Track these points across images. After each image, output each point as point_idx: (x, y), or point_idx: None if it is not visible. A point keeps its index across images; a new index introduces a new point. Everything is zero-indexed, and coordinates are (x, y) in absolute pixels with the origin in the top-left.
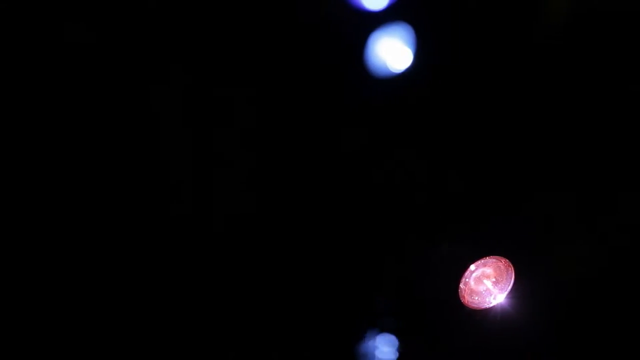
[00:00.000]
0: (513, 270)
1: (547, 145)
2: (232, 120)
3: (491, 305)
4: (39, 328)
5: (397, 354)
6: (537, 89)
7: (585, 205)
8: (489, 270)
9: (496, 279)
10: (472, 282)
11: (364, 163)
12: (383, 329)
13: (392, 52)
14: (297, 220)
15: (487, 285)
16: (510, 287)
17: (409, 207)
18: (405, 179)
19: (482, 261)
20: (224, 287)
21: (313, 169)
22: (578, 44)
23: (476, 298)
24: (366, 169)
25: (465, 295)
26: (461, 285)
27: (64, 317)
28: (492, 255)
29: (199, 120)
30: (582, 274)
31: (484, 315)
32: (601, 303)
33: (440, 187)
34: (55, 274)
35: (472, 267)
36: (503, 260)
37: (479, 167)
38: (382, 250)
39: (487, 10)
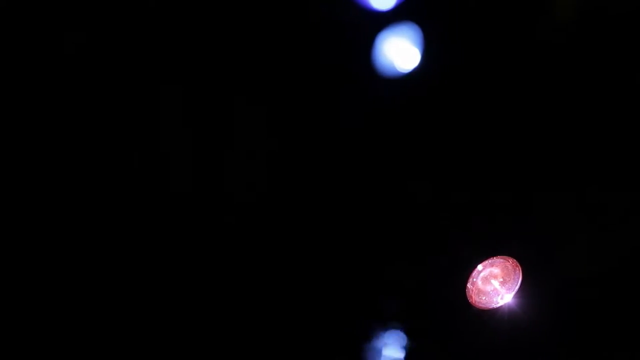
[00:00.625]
0: (520, 270)
1: (555, 144)
2: (238, 121)
3: (498, 305)
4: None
5: (404, 354)
6: (545, 89)
7: (593, 204)
8: (496, 270)
9: (504, 279)
10: (479, 282)
11: (370, 163)
12: (390, 329)
13: (400, 52)
14: (305, 220)
15: (495, 285)
16: (517, 287)
17: (415, 207)
18: (411, 179)
19: (490, 261)
20: (228, 284)
21: (320, 169)
22: (589, 43)
23: (483, 298)
24: (371, 169)
25: (473, 295)
26: (468, 285)
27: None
28: (500, 255)
29: (203, 124)
30: (591, 273)
31: (492, 315)
32: (609, 303)
33: (447, 187)
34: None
35: (480, 267)
36: (510, 260)
37: (486, 167)
38: (389, 250)
39: (496, 9)
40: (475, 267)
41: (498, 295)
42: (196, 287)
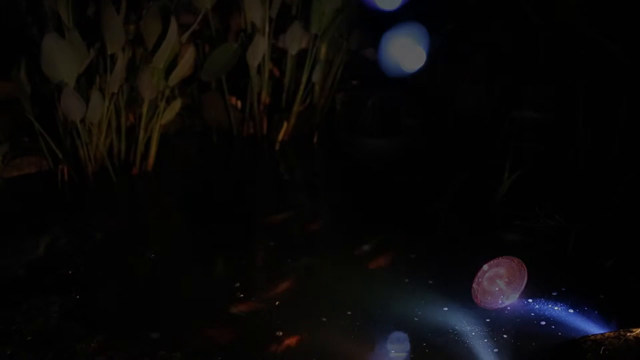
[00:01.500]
0: (526, 271)
1: (559, 142)
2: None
3: (504, 305)
4: None
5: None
6: (548, 86)
7: (597, 203)
8: (501, 271)
9: (509, 279)
10: (485, 282)
11: (375, 163)
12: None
13: (406, 52)
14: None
15: (500, 285)
16: (522, 287)
17: (420, 207)
18: (416, 177)
19: (495, 261)
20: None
21: (325, 171)
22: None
23: (489, 298)
24: (375, 168)
25: (478, 295)
26: (474, 285)
27: None
28: (505, 255)
29: None
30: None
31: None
32: (613, 302)
33: (451, 187)
34: None
35: (485, 267)
36: (516, 260)
37: (489, 166)
38: (393, 250)
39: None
40: (481, 267)
41: (503, 295)
42: None
